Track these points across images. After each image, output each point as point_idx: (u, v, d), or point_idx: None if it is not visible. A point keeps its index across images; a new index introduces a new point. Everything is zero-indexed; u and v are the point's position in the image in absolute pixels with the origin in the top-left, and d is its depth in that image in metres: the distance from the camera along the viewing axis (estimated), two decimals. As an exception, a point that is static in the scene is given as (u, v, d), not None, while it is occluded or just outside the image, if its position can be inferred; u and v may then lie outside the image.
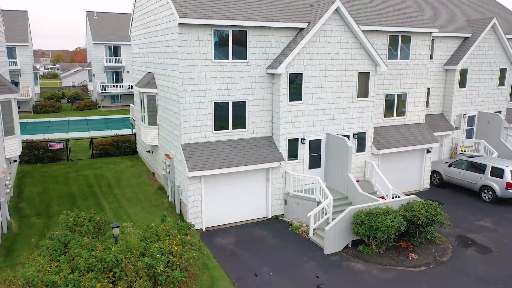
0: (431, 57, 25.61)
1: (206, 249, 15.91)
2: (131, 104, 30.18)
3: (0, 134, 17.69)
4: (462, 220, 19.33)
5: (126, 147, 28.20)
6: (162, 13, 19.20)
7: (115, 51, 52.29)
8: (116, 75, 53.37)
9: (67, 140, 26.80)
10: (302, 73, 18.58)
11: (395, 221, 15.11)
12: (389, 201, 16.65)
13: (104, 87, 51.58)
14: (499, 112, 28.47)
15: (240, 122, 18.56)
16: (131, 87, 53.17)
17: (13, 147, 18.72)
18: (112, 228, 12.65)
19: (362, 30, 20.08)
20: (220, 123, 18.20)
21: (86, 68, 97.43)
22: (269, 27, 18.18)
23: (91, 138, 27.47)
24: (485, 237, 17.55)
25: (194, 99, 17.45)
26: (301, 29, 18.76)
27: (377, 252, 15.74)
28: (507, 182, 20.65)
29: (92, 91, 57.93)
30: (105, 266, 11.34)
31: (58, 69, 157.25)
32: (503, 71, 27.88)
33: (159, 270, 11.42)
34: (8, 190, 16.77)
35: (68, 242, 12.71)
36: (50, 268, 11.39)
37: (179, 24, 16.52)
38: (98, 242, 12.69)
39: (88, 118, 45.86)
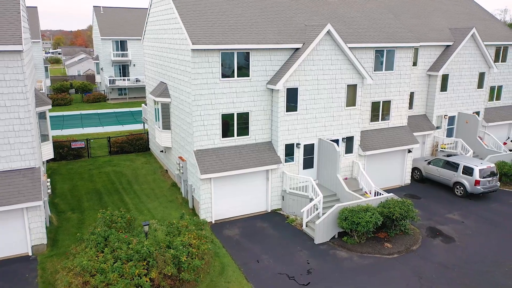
0: (416, 64, 28.36)
1: (216, 240, 19.10)
2: (143, 105, 33.07)
3: (38, 141, 20.66)
4: (434, 213, 22.50)
5: (139, 145, 31.23)
6: (176, 35, 21.93)
7: (122, 45, 54.74)
8: (123, 69, 55.96)
9: (87, 139, 29.80)
10: (297, 88, 21.45)
11: (373, 217, 18.26)
12: (370, 199, 19.78)
13: (112, 81, 54.26)
14: (478, 112, 31.35)
15: (243, 130, 21.52)
16: (137, 80, 55.82)
17: (48, 151, 21.71)
18: (143, 225, 15.81)
19: (351, 47, 22.90)
20: (227, 131, 21.18)
21: (89, 56, 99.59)
22: (269, 49, 20.96)
23: (109, 137, 30.46)
24: (452, 228, 20.74)
25: (204, 111, 20.38)
26: (297, 48, 21.54)
27: (358, 242, 18.95)
28: (475, 180, 23.75)
29: (100, 84, 60.55)
30: (141, 256, 14.51)
31: (59, 54, 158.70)
32: (481, 75, 30.64)
33: (183, 259, 14.60)
34: (49, 191, 19.86)
35: (107, 236, 15.87)
36: (97, 258, 14.57)
37: (192, 49, 19.32)
38: (132, 237, 15.86)
39: (99, 111, 48.75)
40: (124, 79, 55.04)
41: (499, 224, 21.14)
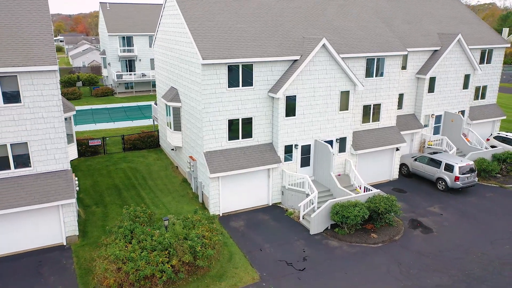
0: (405, 68, 30.80)
1: (224, 231, 21.90)
2: (152, 104, 35.60)
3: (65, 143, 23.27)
4: (417, 206, 25.27)
5: (151, 142, 33.88)
6: (186, 48, 24.36)
7: (128, 41, 56.91)
8: (129, 64, 58.22)
9: (103, 138, 32.44)
10: (295, 95, 23.99)
11: (361, 212, 21.01)
12: (358, 195, 22.52)
13: (119, 76, 56.62)
14: (463, 111, 33.89)
15: (247, 133, 24.13)
16: (143, 75, 58.16)
17: (73, 152, 24.31)
18: (164, 220, 18.58)
19: (345, 57, 25.37)
20: (233, 134, 23.78)
21: (93, 46, 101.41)
22: (270, 61, 23.43)
23: (123, 136, 33.11)
24: (431, 220, 23.54)
25: (213, 117, 22.96)
26: (295, 60, 24.00)
27: (348, 233, 21.74)
28: (455, 176, 26.46)
29: (106, 77, 62.84)
30: (163, 247, 17.30)
31: (61, 41, 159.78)
32: (467, 77, 33.08)
33: (198, 249, 17.39)
34: (77, 188, 22.57)
35: (133, 230, 18.65)
36: (127, 248, 17.36)
37: (202, 64, 21.81)
38: (153, 230, 18.64)
39: (108, 106, 51.27)
40: (130, 74, 57.36)
41: (473, 216, 23.93)
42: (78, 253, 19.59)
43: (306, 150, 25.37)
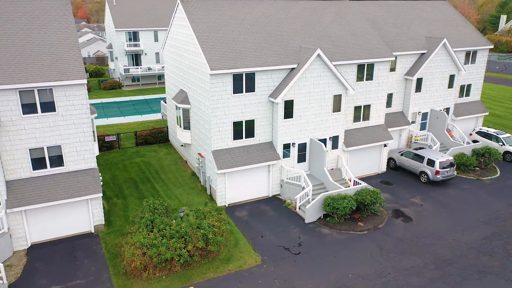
0: (394, 70, 33.62)
1: (230, 220, 25.11)
2: (162, 102, 38.52)
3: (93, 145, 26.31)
4: (401, 197, 28.45)
5: (160, 137, 36.93)
6: (195, 57, 27.17)
7: (134, 36, 59.41)
8: (136, 58, 60.84)
9: (118, 134, 35.50)
10: (293, 99, 26.91)
11: (349, 204, 24.18)
12: (348, 189, 25.65)
13: (126, 70, 59.32)
14: (448, 108, 36.80)
15: (250, 133, 27.13)
16: (149, 68, 60.84)
17: (96, 149, 27.36)
18: (179, 212, 21.78)
19: (337, 64, 28.20)
20: (237, 135, 26.78)
21: (97, 36, 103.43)
22: (270, 70, 26.28)
23: (136, 132, 36.16)
24: (412, 210, 26.73)
25: (219, 120, 25.94)
26: (293, 68, 26.85)
27: (338, 222, 24.96)
28: (436, 170, 29.58)
29: (113, 70, 65.49)
30: (180, 235, 20.50)
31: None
32: (452, 77, 35.88)
33: (210, 236, 20.61)
34: (101, 183, 25.70)
35: (153, 220, 21.83)
36: (149, 235, 20.57)
37: (210, 74, 24.69)
38: (171, 220, 21.83)
39: (117, 99, 54.17)
40: (137, 68, 60.05)
41: (449, 206, 27.12)
42: (105, 240, 22.85)
43: (302, 147, 28.43)
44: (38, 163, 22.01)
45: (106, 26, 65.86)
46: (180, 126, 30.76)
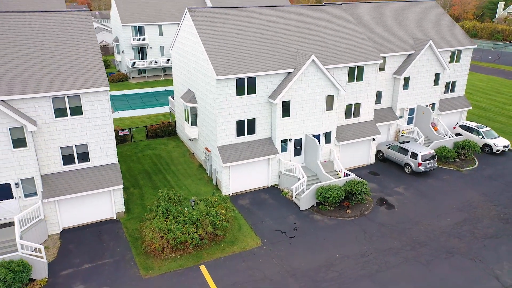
0: (384, 69, 36.66)
1: (234, 208, 28.57)
2: (169, 98, 41.64)
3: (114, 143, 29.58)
4: (387, 186, 31.86)
5: (169, 131, 40.21)
6: (202, 63, 30.22)
7: (140, 30, 62.09)
8: (141, 51, 63.65)
9: (130, 128, 38.78)
10: (290, 100, 30.09)
11: (338, 194, 27.60)
12: (338, 180, 29.02)
13: (133, 63, 62.21)
14: (434, 103, 39.92)
15: (251, 130, 30.37)
16: (154, 62, 63.71)
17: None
18: (190, 201, 25.22)
19: (330, 68, 31.26)
20: (240, 132, 30.03)
21: (101, 25, 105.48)
22: (270, 74, 29.39)
23: (146, 126, 39.44)
24: (395, 199, 30.17)
25: (224, 119, 29.16)
26: (290, 72, 29.94)
27: (329, 209, 28.42)
28: (418, 162, 32.92)
29: (120, 63, 68.31)
30: (192, 221, 23.96)
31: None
32: (437, 75, 38.93)
33: (217, 222, 24.09)
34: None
35: (168, 208, 25.27)
36: (166, 221, 24.03)
37: (216, 79, 27.81)
38: (183, 208, 25.26)
39: (125, 92, 57.22)
40: (143, 61, 62.93)
41: (428, 195, 30.55)
42: (126, 225, 26.34)
43: (298, 142, 31.72)
44: (67, 159, 25.33)
45: (113, 20, 68.39)
46: (188, 122, 33.98)
